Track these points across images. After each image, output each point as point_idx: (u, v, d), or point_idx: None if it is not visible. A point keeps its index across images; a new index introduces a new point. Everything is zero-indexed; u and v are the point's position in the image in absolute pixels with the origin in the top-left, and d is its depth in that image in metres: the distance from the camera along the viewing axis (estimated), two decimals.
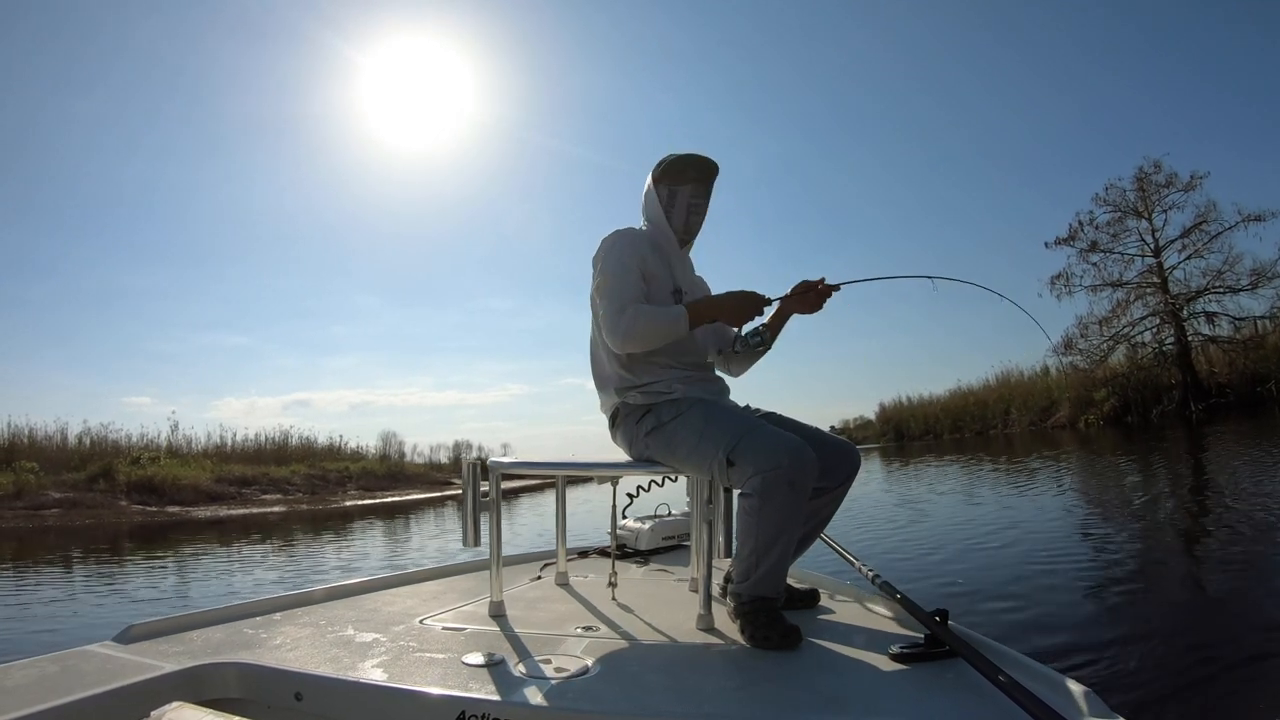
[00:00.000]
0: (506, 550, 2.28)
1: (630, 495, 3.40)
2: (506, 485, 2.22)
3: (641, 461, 2.28)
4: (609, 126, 65.14)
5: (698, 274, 2.59)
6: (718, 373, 2.52)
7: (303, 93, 52.64)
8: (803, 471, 1.93)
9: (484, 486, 2.19)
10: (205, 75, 44.39)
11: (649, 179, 2.39)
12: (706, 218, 2.44)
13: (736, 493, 2.04)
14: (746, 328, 2.38)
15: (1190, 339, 24.85)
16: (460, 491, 2.18)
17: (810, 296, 2.32)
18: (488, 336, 57.54)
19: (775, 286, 2.31)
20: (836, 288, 2.32)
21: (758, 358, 2.57)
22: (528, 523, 11.77)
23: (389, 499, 20.06)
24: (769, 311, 2.35)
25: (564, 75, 59.45)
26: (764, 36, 54.85)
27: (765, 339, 2.42)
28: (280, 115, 49.58)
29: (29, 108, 34.94)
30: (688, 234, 2.41)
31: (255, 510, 16.74)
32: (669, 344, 2.23)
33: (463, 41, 52.24)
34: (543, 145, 56.87)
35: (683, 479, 2.53)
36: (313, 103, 50.65)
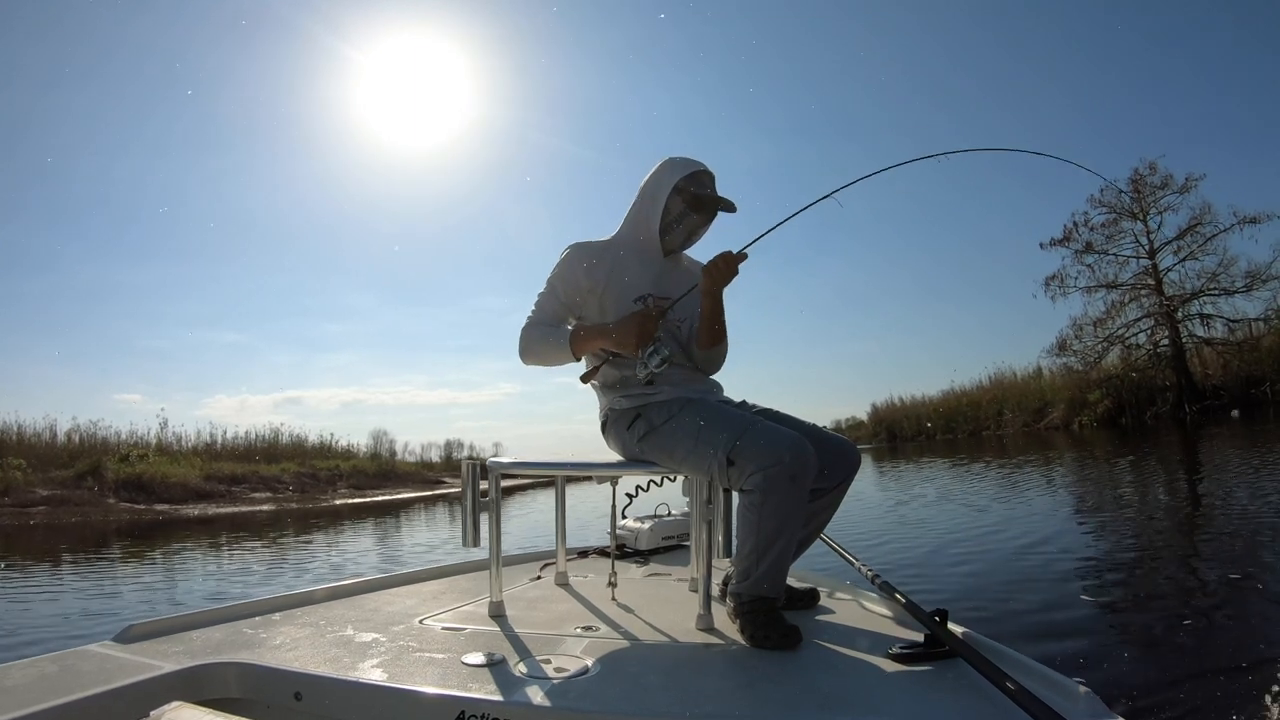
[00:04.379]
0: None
1: (629, 495, 3.40)
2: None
3: (642, 461, 2.27)
4: (606, 125, 65.30)
5: (698, 264, 2.44)
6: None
7: (298, 89, 52.62)
8: (804, 466, 1.93)
9: (483, 486, 2.19)
10: (200, 71, 44.14)
11: (665, 177, 2.30)
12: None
13: (736, 491, 2.04)
14: (649, 354, 2.14)
15: (1185, 341, 25.01)
16: (452, 491, 2.18)
17: (720, 271, 2.18)
18: (482, 335, 57.44)
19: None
20: (741, 256, 2.16)
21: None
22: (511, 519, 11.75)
23: (380, 498, 20.01)
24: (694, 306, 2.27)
25: (560, 73, 59.65)
26: (759, 35, 55.03)
27: (665, 356, 2.13)
28: (275, 112, 49.60)
29: (23, 103, 34.80)
30: (669, 249, 2.36)
31: (245, 508, 16.68)
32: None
33: (460, 39, 52.21)
34: (539, 143, 56.93)
35: (680, 478, 2.53)
36: (308, 99, 50.73)
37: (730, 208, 2.33)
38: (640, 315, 2.15)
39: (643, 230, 2.33)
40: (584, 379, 2.29)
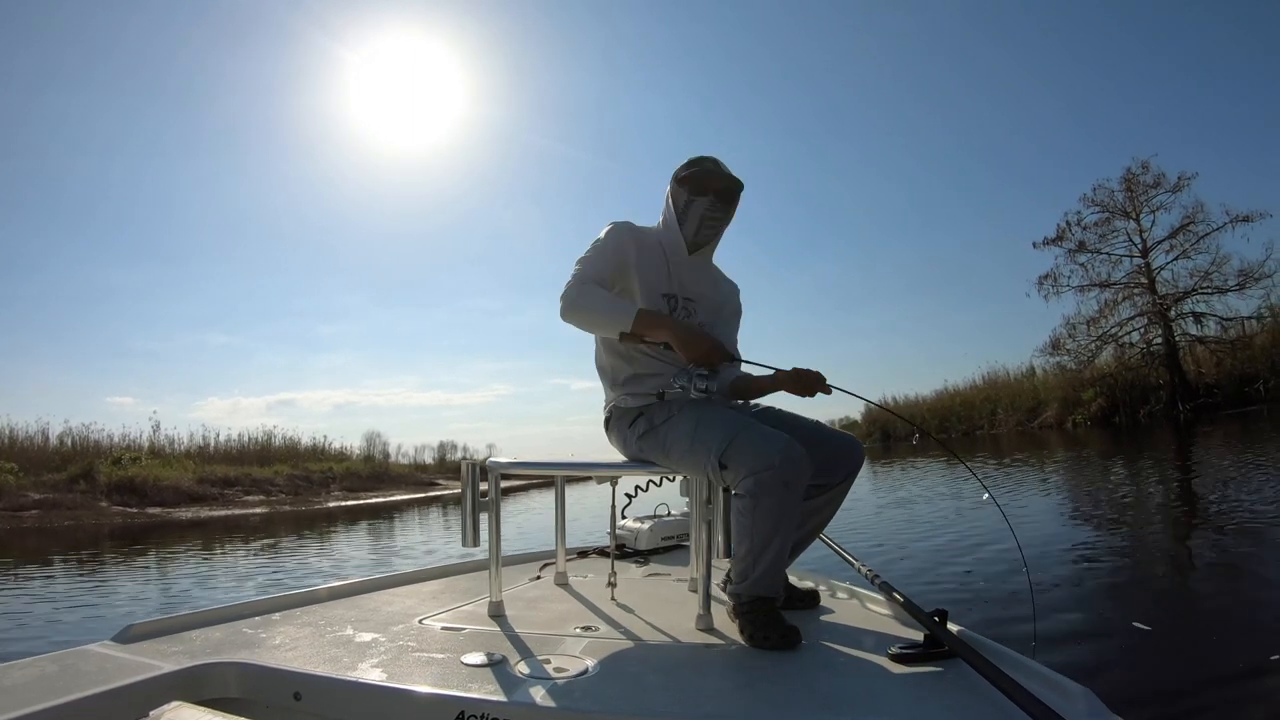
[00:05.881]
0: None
1: (628, 495, 3.40)
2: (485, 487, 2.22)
3: (641, 461, 2.28)
4: (598, 125, 65.41)
5: (722, 273, 2.53)
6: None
7: (290, 90, 52.56)
8: (795, 470, 1.92)
9: (483, 487, 2.19)
10: (192, 72, 44.31)
11: (672, 178, 2.35)
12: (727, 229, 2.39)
13: (732, 493, 2.04)
14: (699, 374, 2.15)
15: (1178, 339, 25.09)
16: (446, 492, 2.17)
17: (803, 383, 2.24)
18: (475, 336, 57.56)
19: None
20: (828, 390, 2.24)
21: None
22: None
23: (373, 500, 19.98)
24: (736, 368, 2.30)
25: (552, 74, 59.69)
26: (751, 35, 55.15)
27: (709, 390, 2.16)
28: (268, 113, 49.61)
29: (16, 105, 34.76)
30: (696, 244, 2.34)
31: (237, 511, 16.64)
32: (669, 346, 2.15)
33: (452, 40, 52.35)
34: (532, 144, 57.04)
35: (679, 478, 2.53)
36: (300, 101, 50.68)
37: (730, 182, 2.30)
38: (715, 341, 2.14)
39: (667, 227, 2.35)
40: (624, 339, 2.17)
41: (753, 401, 2.39)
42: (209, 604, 2.22)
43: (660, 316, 2.18)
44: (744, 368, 2.34)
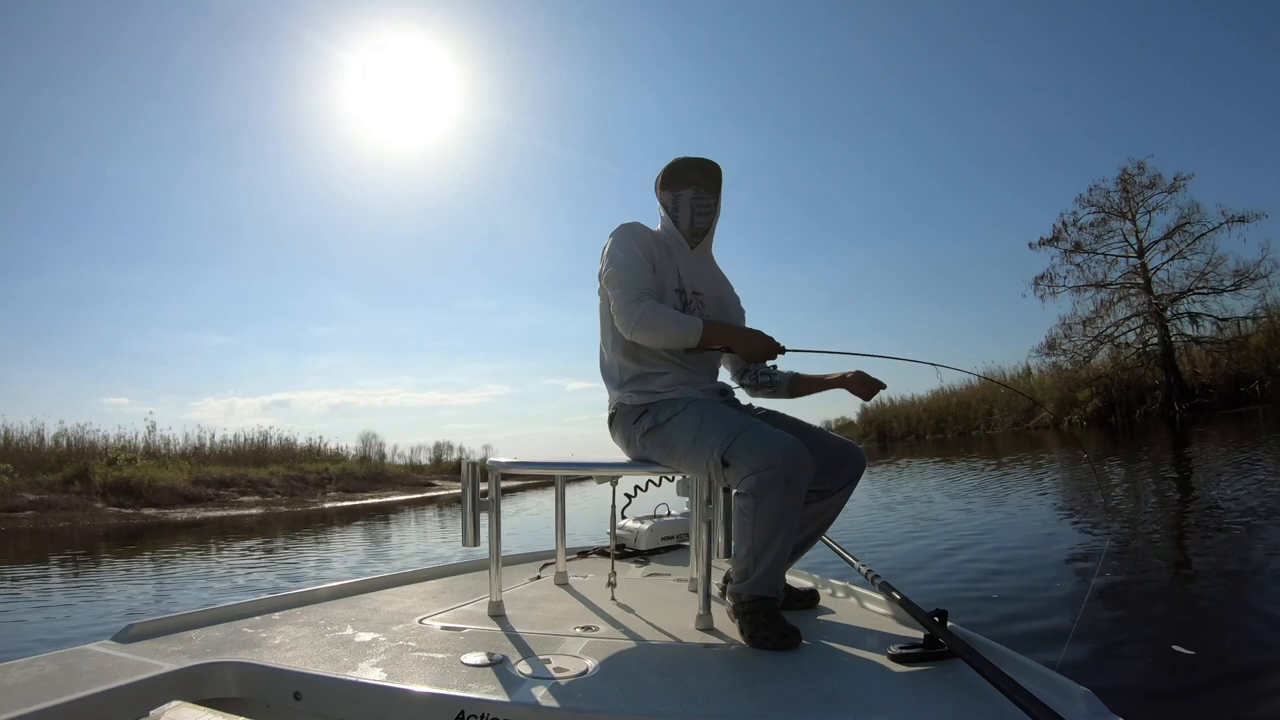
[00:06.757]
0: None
1: (628, 495, 3.39)
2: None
3: (641, 461, 2.28)
4: (594, 126, 65.46)
5: (719, 268, 2.56)
6: (721, 381, 2.51)
7: (286, 91, 52.48)
8: (798, 470, 1.92)
9: (483, 486, 2.19)
10: (187, 73, 44.26)
11: (654, 188, 2.41)
12: (720, 216, 2.44)
13: (733, 492, 2.04)
14: (761, 370, 2.47)
15: (1174, 339, 25.16)
16: (442, 493, 2.18)
17: (863, 387, 2.44)
18: (471, 336, 57.57)
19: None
20: (883, 385, 2.47)
21: (767, 394, 2.60)
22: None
23: (369, 500, 20.01)
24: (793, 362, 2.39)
25: (549, 74, 59.73)
26: (748, 36, 55.27)
27: (774, 380, 2.50)
28: (263, 114, 49.52)
29: (11, 106, 34.67)
30: (695, 235, 2.38)
31: (233, 512, 16.63)
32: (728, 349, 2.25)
33: (449, 41, 52.40)
34: (528, 145, 57.07)
35: (678, 478, 2.53)
36: (296, 102, 50.62)
37: (707, 167, 2.37)
38: (770, 339, 2.25)
39: (667, 229, 2.39)
40: (693, 351, 2.28)
41: (756, 405, 2.40)
42: (208, 604, 2.21)
43: (721, 324, 2.27)
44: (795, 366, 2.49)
